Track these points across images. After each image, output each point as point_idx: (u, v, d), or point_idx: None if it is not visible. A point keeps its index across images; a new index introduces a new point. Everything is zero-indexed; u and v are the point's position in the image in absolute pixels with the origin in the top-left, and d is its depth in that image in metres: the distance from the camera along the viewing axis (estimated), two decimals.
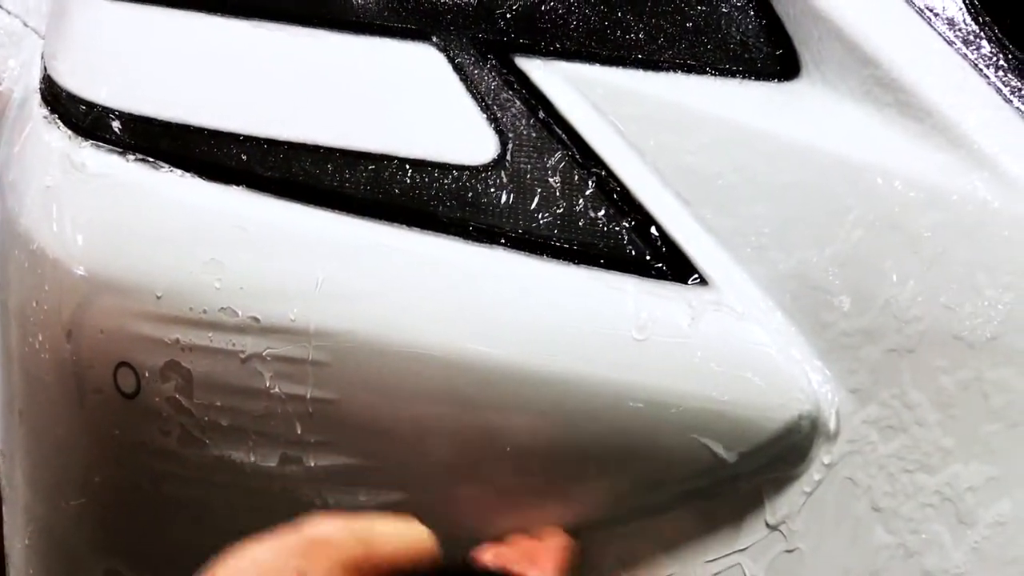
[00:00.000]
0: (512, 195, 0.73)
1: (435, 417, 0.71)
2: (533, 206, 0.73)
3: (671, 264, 0.71)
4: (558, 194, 0.73)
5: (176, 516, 0.81)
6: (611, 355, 0.69)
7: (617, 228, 0.72)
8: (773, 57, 0.73)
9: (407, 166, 0.74)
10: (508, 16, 0.76)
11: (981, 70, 0.67)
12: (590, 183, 0.73)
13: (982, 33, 0.68)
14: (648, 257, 0.72)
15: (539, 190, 0.73)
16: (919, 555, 0.66)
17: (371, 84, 0.76)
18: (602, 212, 0.72)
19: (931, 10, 0.69)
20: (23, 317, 0.80)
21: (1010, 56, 0.67)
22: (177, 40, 0.80)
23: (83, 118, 0.80)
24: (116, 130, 0.79)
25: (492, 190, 0.73)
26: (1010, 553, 0.64)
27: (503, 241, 0.72)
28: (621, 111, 0.73)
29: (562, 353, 0.70)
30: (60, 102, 0.81)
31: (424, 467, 0.73)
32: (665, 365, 0.69)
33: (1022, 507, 0.63)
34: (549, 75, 0.75)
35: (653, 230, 0.72)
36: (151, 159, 0.77)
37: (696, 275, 0.71)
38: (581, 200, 0.73)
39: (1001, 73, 0.67)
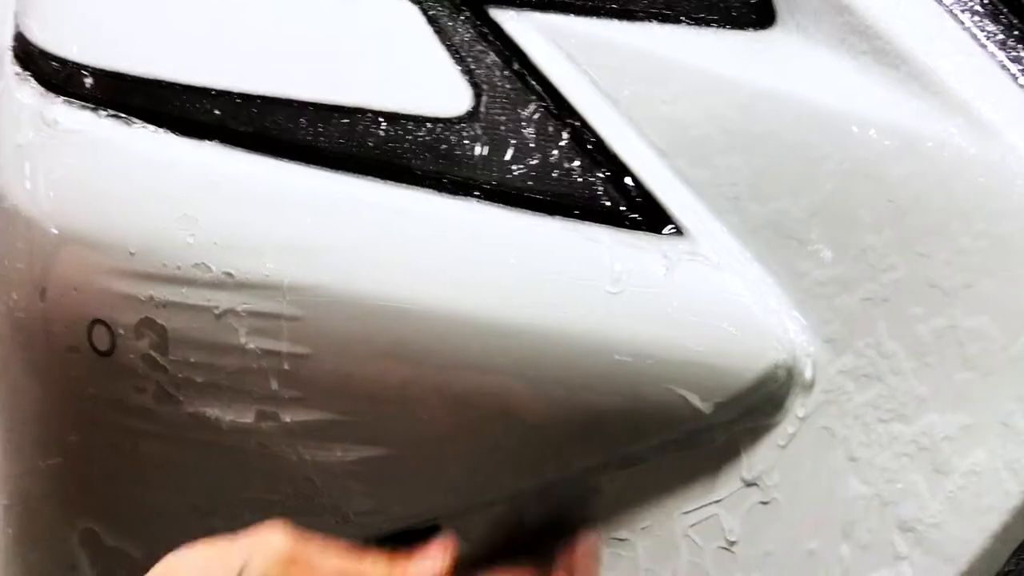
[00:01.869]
0: (486, 147, 0.72)
1: (410, 370, 0.71)
2: (508, 158, 0.72)
3: (646, 214, 0.71)
4: (532, 145, 0.72)
5: (152, 475, 0.81)
6: (586, 306, 0.69)
7: (592, 179, 0.72)
8: (748, 5, 0.72)
9: (381, 119, 0.73)
10: None
11: (956, 15, 0.67)
12: (564, 134, 0.72)
13: None
14: (623, 208, 0.71)
15: (513, 141, 0.72)
16: (895, 504, 0.66)
17: (345, 37, 0.76)
18: (577, 163, 0.72)
19: None
20: None
21: (985, 1, 0.67)
22: None
23: (55, 75, 0.79)
24: (88, 86, 0.78)
25: (466, 142, 0.73)
26: (985, 502, 0.63)
27: (477, 193, 0.72)
28: (595, 61, 0.73)
29: (537, 305, 0.69)
30: (33, 59, 0.81)
31: (399, 421, 0.73)
32: (640, 315, 0.69)
33: (997, 456, 0.63)
34: (523, 26, 0.74)
35: (628, 180, 0.71)
36: (123, 115, 0.77)
37: (671, 225, 0.71)
38: (555, 151, 0.72)
39: (976, 18, 0.67)
